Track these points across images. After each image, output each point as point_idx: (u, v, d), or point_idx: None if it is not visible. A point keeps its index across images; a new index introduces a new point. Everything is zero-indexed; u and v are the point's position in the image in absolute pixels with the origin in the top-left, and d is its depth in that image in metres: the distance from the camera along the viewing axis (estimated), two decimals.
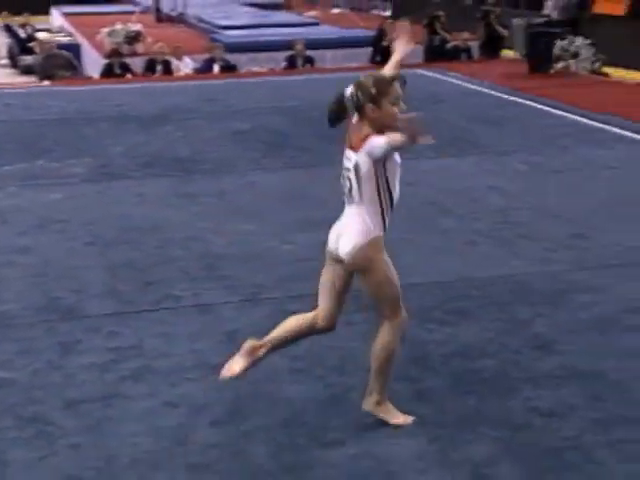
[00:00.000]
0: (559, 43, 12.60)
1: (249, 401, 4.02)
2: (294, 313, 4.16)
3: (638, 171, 7.60)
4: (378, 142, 3.66)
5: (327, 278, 3.95)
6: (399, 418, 3.82)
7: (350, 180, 3.80)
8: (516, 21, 15.55)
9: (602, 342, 4.45)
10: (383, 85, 3.79)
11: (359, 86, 3.79)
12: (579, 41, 12.68)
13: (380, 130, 3.72)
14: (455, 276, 5.33)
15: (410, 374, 4.09)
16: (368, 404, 3.83)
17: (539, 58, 12.81)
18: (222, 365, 3.88)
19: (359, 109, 3.77)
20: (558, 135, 9.04)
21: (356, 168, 3.76)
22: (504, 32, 14.76)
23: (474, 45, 15.68)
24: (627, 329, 4.57)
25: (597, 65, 12.74)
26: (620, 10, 16.04)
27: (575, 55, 12.55)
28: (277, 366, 4.28)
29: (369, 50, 15.67)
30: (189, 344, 4.60)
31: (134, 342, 4.65)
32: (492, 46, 15.12)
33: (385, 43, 13.89)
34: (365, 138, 3.72)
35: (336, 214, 3.81)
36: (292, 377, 4.25)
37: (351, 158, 3.78)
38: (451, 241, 5.93)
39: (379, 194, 3.77)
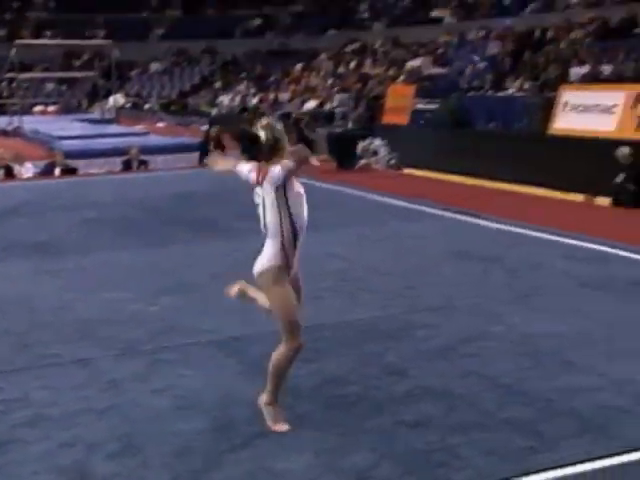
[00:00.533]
0: (361, 144, 13.26)
1: (141, 437, 3.80)
2: (168, 362, 4.15)
3: (440, 238, 7.98)
4: (275, 169, 3.62)
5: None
6: (276, 425, 3.76)
7: (260, 214, 3.74)
8: (320, 130, 16.30)
9: (445, 366, 4.56)
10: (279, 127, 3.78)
11: (269, 127, 3.75)
12: (377, 142, 13.36)
13: (275, 162, 3.64)
14: (308, 323, 5.31)
15: (287, 402, 3.99)
16: (261, 400, 3.82)
17: (344, 156, 13.38)
18: (110, 408, 3.84)
19: (270, 147, 3.69)
20: (375, 213, 9.46)
21: (263, 201, 3.71)
22: (314, 136, 15.28)
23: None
24: (463, 355, 4.73)
25: (393, 161, 13.44)
26: (404, 120, 16.92)
27: (375, 153, 13.22)
28: (161, 407, 4.12)
29: (195, 154, 15.75)
30: (74, 393, 4.31)
31: (20, 395, 4.32)
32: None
33: (210, 147, 14.01)
34: (266, 172, 3.67)
35: (186, 282, 3.77)
36: (178, 414, 4.05)
37: (259, 193, 3.74)
38: None
39: (280, 224, 3.66)
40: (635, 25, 17.68)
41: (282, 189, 3.66)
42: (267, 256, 3.73)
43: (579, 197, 11.29)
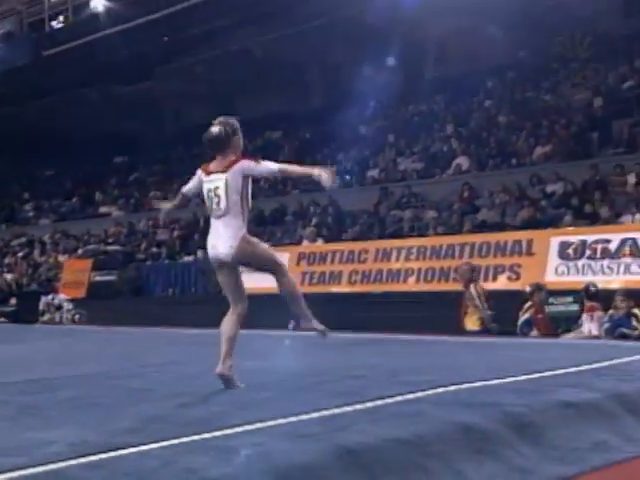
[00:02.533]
0: (43, 299, 12.99)
1: None
2: None
3: None
4: (258, 165, 4.53)
5: (224, 281, 4.75)
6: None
7: (219, 196, 4.44)
8: None
9: None
10: (236, 121, 4.69)
11: (225, 123, 4.62)
12: (62, 296, 13.16)
13: (239, 155, 4.54)
14: None
15: None
16: (223, 369, 4.51)
17: (26, 312, 12.96)
18: None
19: (227, 141, 4.55)
20: None
21: (226, 184, 4.41)
22: None
23: None
24: None
25: (77, 317, 13.27)
26: (82, 293, 16.79)
27: (59, 308, 12.98)
28: None
29: None
30: None
31: None
32: None
33: None
34: (233, 162, 4.49)
35: None
36: None
37: (221, 178, 4.47)
38: None
39: (242, 203, 4.42)
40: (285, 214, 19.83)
41: (248, 179, 4.50)
42: (235, 229, 4.48)
43: None
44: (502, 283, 11.56)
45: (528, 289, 9.83)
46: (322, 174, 4.55)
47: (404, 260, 12.92)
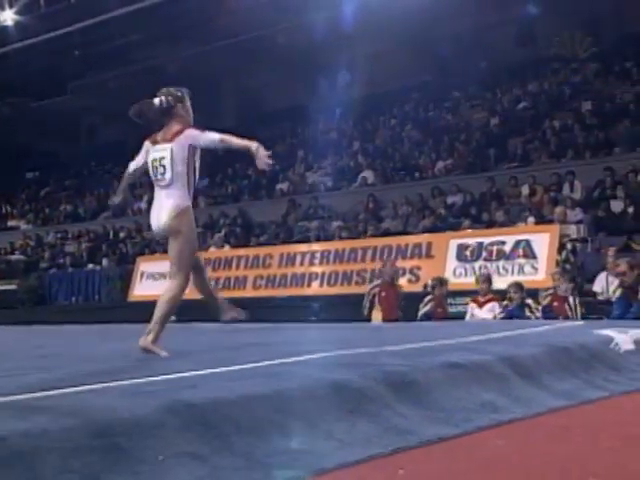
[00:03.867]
0: None
1: None
2: None
3: None
4: (204, 135, 4.19)
5: (168, 249, 4.25)
6: (163, 352, 4.11)
7: (164, 166, 4.14)
8: None
9: None
10: (183, 91, 4.36)
11: (168, 93, 4.29)
12: None
13: (185, 125, 4.21)
14: None
15: None
16: (145, 341, 4.10)
17: None
18: None
19: (170, 110, 4.23)
20: None
21: (172, 154, 4.10)
22: None
23: None
24: None
25: None
26: None
27: None
28: None
29: None
30: None
31: None
32: None
33: None
34: (178, 132, 4.15)
35: None
36: None
37: (166, 148, 4.16)
38: None
39: (188, 174, 4.15)
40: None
41: (196, 150, 4.21)
42: (178, 199, 4.14)
43: None
44: (403, 285, 11.16)
45: (430, 282, 9.44)
46: (260, 150, 4.16)
47: (308, 264, 12.42)
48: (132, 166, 4.56)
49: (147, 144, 4.39)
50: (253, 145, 4.19)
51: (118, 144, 26.68)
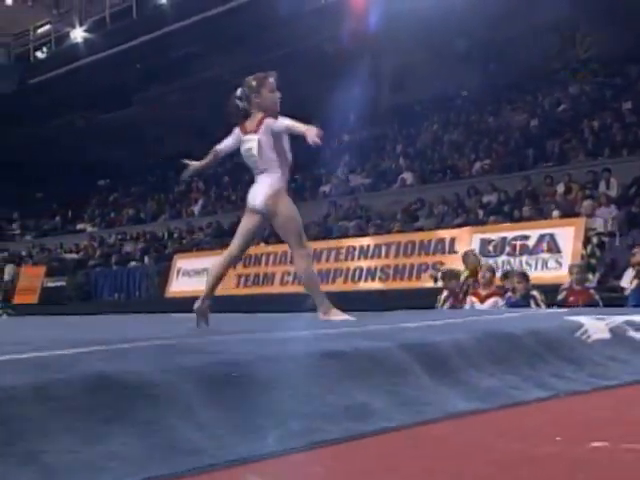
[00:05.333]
0: None
1: None
2: None
3: None
4: (277, 122, 3.91)
5: (245, 225, 4.12)
6: (341, 315, 3.96)
7: (254, 155, 4.01)
8: None
9: None
10: (260, 79, 4.04)
11: (245, 83, 4.06)
12: None
13: (266, 113, 3.96)
14: None
15: None
16: (323, 315, 3.95)
17: None
18: None
19: (249, 101, 4.05)
20: None
21: (259, 145, 3.97)
22: None
23: None
24: None
25: (4, 317, 11.80)
26: (34, 300, 15.48)
27: None
28: None
29: None
30: None
31: None
32: None
33: None
34: (260, 121, 3.97)
35: None
36: None
37: (253, 139, 4.01)
38: None
39: (279, 158, 3.99)
40: None
41: (280, 135, 3.98)
42: (272, 181, 4.00)
43: None
44: (425, 281, 10.17)
45: (439, 274, 8.30)
46: (310, 130, 3.89)
47: (334, 261, 11.54)
48: (219, 146, 4.39)
49: (238, 132, 4.23)
50: (304, 128, 3.91)
51: (182, 155, 26.47)
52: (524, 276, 7.26)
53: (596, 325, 2.87)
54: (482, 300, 7.20)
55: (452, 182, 16.05)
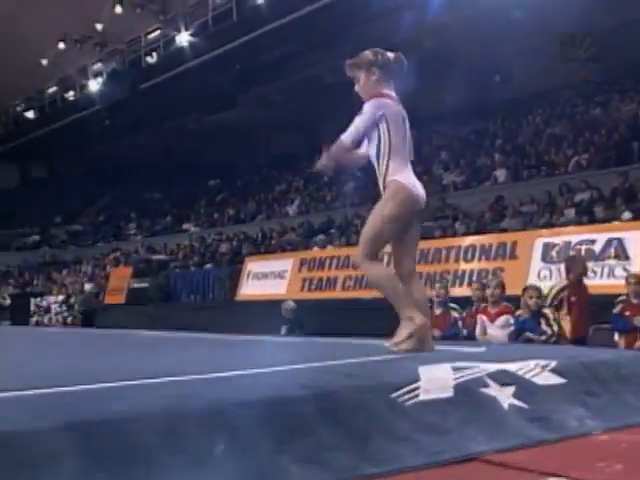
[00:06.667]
0: (33, 301, 11.91)
1: None
2: None
3: None
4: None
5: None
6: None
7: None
8: None
9: None
10: (376, 54, 3.77)
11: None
12: (51, 298, 12.06)
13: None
14: None
15: None
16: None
17: (18, 314, 11.92)
18: None
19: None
20: None
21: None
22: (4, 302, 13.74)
23: None
24: None
25: (70, 319, 12.10)
26: (121, 300, 15.84)
27: (47, 310, 11.86)
28: None
29: None
30: None
31: None
32: None
33: None
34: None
35: None
36: None
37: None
38: None
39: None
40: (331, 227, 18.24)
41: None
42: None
43: None
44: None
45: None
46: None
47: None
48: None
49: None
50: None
51: (289, 155, 26.49)
52: (537, 291, 6.35)
53: (437, 379, 2.19)
54: (492, 319, 6.40)
55: (545, 179, 14.90)
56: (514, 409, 2.18)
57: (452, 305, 7.18)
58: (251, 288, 12.99)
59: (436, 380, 2.23)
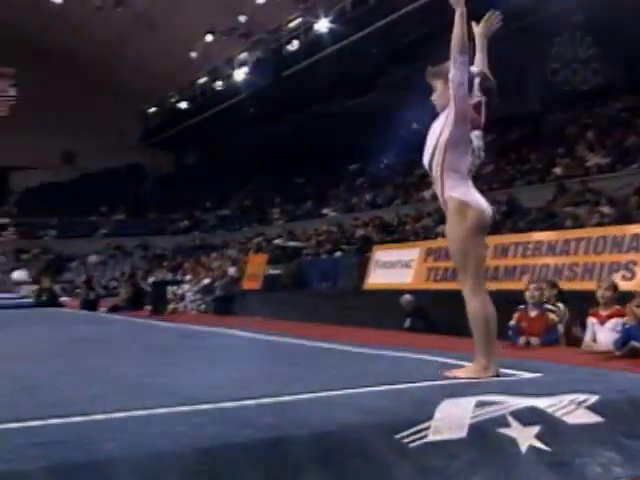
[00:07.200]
0: (170, 288, 12.53)
1: None
2: None
3: None
4: None
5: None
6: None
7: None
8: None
9: None
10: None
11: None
12: (186, 287, 12.65)
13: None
14: None
15: None
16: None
17: (158, 301, 12.58)
18: None
19: None
20: None
21: None
22: (148, 288, 14.56)
23: None
24: None
25: (203, 307, 12.64)
26: (257, 285, 16.34)
27: (182, 298, 12.45)
28: None
29: None
30: None
31: None
32: (138, 300, 14.64)
33: None
34: None
35: None
36: None
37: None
38: None
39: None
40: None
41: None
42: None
43: None
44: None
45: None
46: None
47: (521, 256, 10.51)
48: None
49: None
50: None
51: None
52: None
53: (452, 417, 2.08)
54: (602, 321, 5.99)
55: None
56: (533, 452, 2.07)
57: (549, 307, 6.82)
58: (378, 277, 13.00)
59: (451, 419, 2.15)
